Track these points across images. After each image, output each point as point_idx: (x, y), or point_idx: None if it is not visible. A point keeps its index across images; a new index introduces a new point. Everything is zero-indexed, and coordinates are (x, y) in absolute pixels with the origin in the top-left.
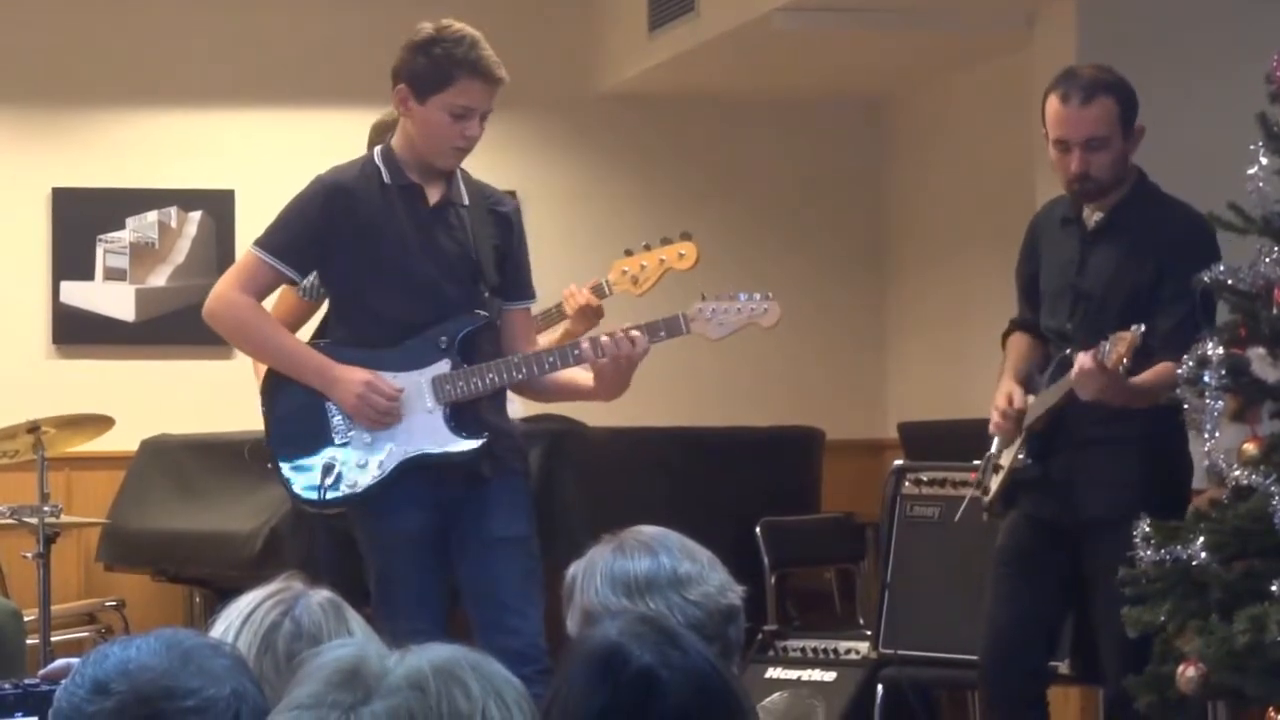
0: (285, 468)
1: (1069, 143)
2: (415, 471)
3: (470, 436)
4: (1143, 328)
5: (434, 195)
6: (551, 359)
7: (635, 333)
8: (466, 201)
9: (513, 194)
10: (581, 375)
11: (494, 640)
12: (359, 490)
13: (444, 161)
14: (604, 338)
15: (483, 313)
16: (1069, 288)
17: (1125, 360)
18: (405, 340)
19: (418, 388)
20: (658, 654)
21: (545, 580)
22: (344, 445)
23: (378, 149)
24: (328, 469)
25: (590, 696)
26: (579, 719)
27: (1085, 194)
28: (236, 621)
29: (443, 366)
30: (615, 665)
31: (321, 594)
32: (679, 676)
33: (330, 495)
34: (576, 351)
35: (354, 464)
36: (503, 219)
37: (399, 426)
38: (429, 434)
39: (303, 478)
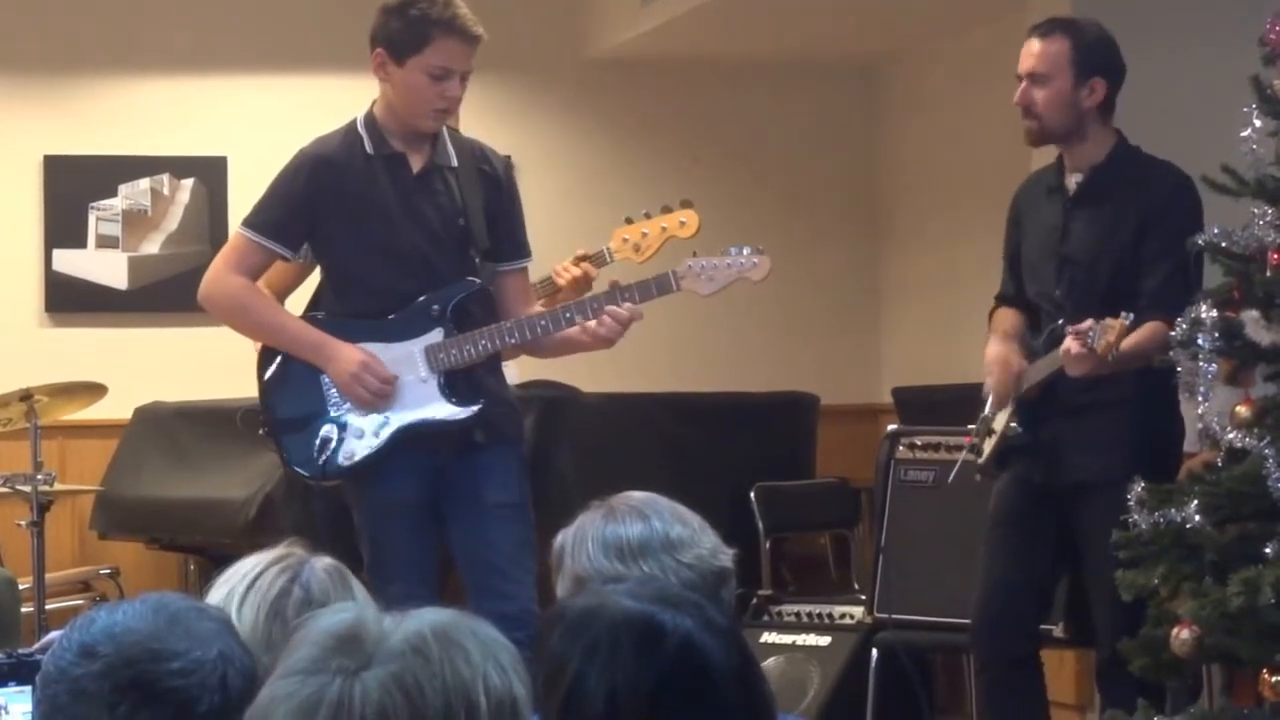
0: (283, 443)
1: (1020, 74)
2: (409, 440)
3: (465, 403)
4: (1131, 316)
5: (418, 162)
6: (544, 323)
7: (627, 303)
8: (455, 163)
9: (507, 159)
10: (575, 333)
11: (487, 605)
12: (356, 461)
13: (426, 124)
14: (599, 316)
15: (474, 279)
16: (1054, 255)
17: (1114, 349)
18: (397, 311)
19: (410, 357)
20: (691, 618)
21: (540, 545)
22: (340, 417)
23: (360, 116)
24: (325, 442)
25: (642, 671)
26: (634, 694)
27: (1030, 132)
28: (240, 587)
29: (435, 335)
30: (656, 635)
31: (325, 560)
32: (716, 638)
33: (329, 468)
34: (569, 315)
35: (351, 435)
36: (490, 178)
37: (395, 397)
38: (423, 403)
39: (301, 452)
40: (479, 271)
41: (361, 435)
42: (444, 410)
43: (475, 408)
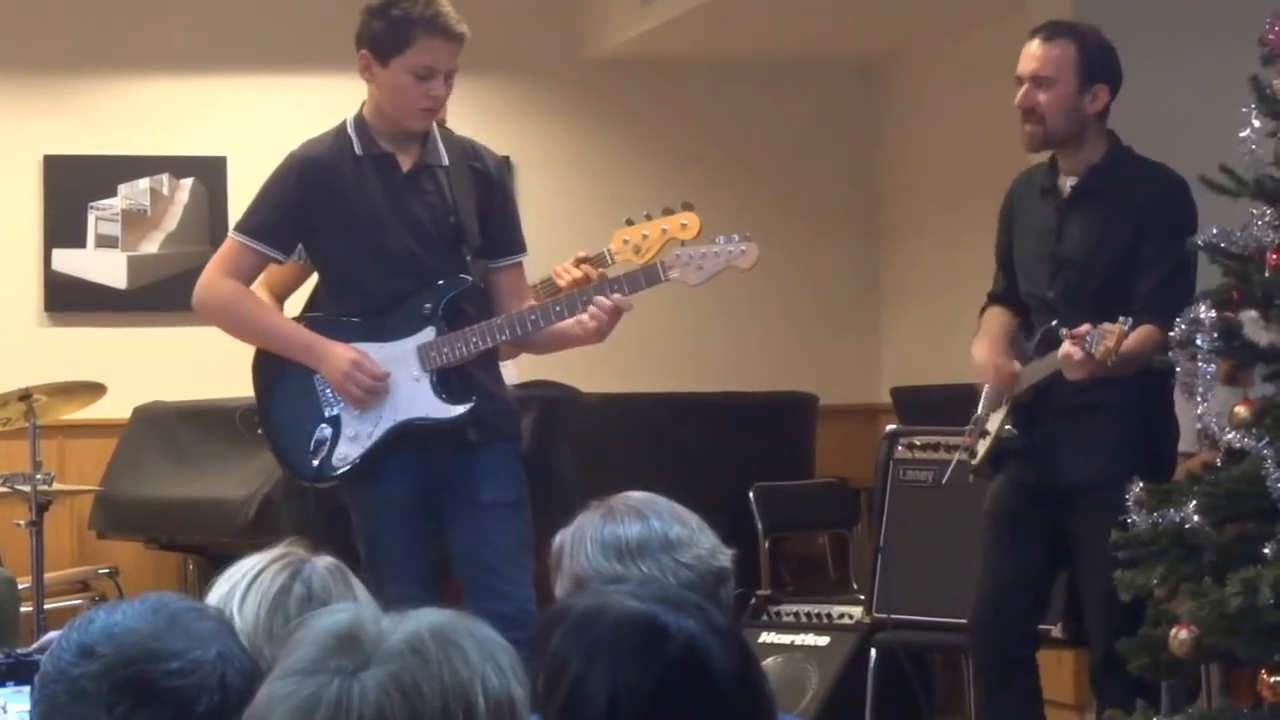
0: (278, 443)
1: (1021, 77)
2: (403, 439)
3: (458, 402)
4: (1130, 321)
5: (408, 161)
6: (534, 318)
7: (616, 294)
8: (446, 161)
9: (506, 159)
10: (568, 326)
11: (484, 604)
12: (350, 461)
13: (413, 124)
14: (588, 308)
15: (466, 277)
16: (1049, 257)
17: (1114, 355)
18: (390, 310)
19: (403, 356)
20: (694, 619)
21: (539, 544)
22: (334, 418)
23: (350, 117)
24: (320, 443)
25: (644, 672)
26: (636, 695)
27: (1032, 137)
28: (242, 584)
29: (427, 334)
30: (659, 636)
31: (326, 559)
32: (719, 639)
33: (324, 470)
34: (559, 309)
35: (345, 436)
36: (481, 175)
37: (387, 397)
38: (417, 402)
39: (296, 453)
40: (471, 269)
41: (355, 437)
42: (436, 409)
43: (466, 407)
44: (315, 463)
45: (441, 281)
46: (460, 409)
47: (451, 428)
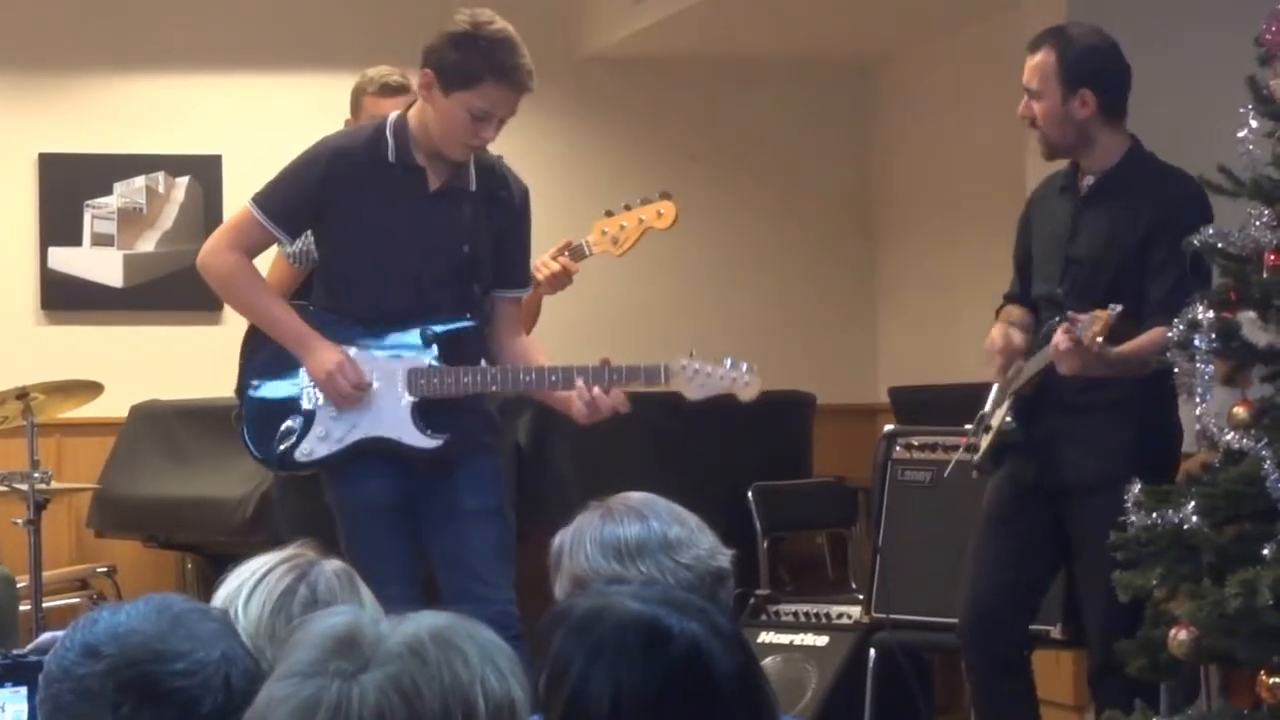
0: (248, 421)
1: (1023, 88)
2: (376, 449)
3: (434, 433)
4: (1119, 308)
5: (436, 180)
6: (529, 379)
7: (614, 389)
8: (474, 187)
9: (525, 191)
10: (561, 394)
11: (465, 608)
12: (314, 458)
13: (452, 154)
14: (580, 384)
15: (470, 315)
16: (1060, 254)
17: (1100, 339)
18: (389, 326)
19: (392, 375)
20: (697, 621)
21: (538, 544)
22: (309, 411)
23: (392, 118)
24: (288, 431)
25: (646, 674)
26: (638, 697)
27: (1041, 145)
28: (249, 582)
29: (422, 360)
30: (662, 638)
31: (334, 563)
32: (721, 642)
33: (285, 459)
34: (554, 378)
35: (315, 434)
36: (504, 205)
37: (367, 407)
38: (394, 422)
39: (261, 435)
40: (478, 302)
41: (325, 436)
42: (411, 435)
43: (439, 441)
44: (277, 451)
45: (444, 310)
46: (434, 443)
47: (422, 455)
